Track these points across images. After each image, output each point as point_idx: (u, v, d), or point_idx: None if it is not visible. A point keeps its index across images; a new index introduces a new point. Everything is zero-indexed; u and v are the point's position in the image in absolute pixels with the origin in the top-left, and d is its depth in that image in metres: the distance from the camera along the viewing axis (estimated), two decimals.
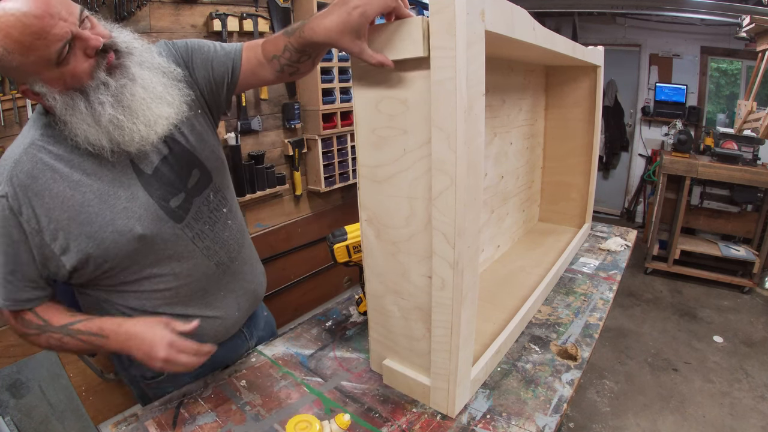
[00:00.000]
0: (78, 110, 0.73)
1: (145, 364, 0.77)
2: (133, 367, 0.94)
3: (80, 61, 0.71)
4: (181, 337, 0.78)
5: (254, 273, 1.06)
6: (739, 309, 3.12)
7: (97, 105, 0.73)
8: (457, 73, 0.57)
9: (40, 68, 0.68)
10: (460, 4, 0.55)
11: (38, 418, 1.73)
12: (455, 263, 0.65)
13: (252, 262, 1.06)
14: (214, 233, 0.92)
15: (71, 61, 0.70)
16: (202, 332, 0.94)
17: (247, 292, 1.02)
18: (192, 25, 2.10)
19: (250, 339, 1.08)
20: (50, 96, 0.71)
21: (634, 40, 4.46)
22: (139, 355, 0.77)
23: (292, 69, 0.85)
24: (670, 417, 2.12)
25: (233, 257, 0.96)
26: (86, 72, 0.72)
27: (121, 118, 0.74)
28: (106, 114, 0.73)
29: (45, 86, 0.71)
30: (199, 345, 0.79)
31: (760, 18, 2.95)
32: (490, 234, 1.32)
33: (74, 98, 0.72)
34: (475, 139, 0.63)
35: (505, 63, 1.23)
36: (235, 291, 0.98)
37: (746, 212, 3.41)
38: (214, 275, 0.92)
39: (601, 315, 1.09)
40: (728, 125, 3.91)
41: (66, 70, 0.70)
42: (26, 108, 1.75)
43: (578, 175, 1.59)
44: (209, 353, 0.81)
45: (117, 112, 0.74)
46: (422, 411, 0.78)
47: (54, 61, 0.68)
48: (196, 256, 0.89)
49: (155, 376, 0.94)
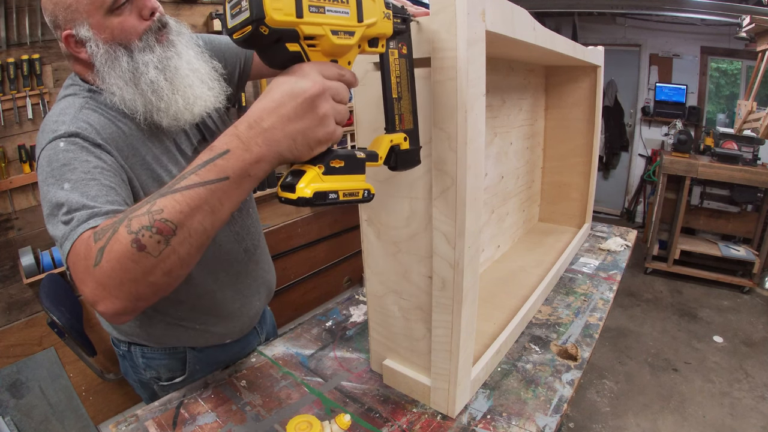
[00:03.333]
0: (119, 65, 0.71)
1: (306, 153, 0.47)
2: (149, 371, 0.93)
3: (133, 18, 0.70)
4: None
5: (270, 264, 1.08)
6: (739, 309, 3.12)
7: (141, 65, 0.72)
8: (458, 73, 0.57)
9: (93, 10, 0.67)
10: (461, 4, 0.55)
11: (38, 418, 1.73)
12: (456, 263, 0.65)
13: (267, 253, 1.08)
14: (241, 219, 0.94)
15: (125, 13, 0.69)
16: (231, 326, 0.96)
17: (266, 283, 1.04)
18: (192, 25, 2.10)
19: (261, 334, 1.09)
20: (94, 42, 0.69)
21: (634, 40, 4.46)
22: (288, 147, 0.46)
23: None
24: (670, 417, 2.12)
25: (256, 245, 0.98)
26: (136, 31, 0.71)
27: (161, 84, 0.73)
28: (148, 75, 0.72)
29: (92, 31, 0.69)
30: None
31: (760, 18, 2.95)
32: (490, 234, 1.32)
33: (118, 52, 0.71)
34: (476, 139, 0.63)
35: (506, 63, 1.23)
36: (257, 280, 1.00)
37: (746, 212, 3.41)
38: (243, 261, 0.94)
39: (601, 315, 1.09)
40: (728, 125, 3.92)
41: (117, 21, 0.69)
42: (26, 108, 1.75)
43: (578, 175, 1.59)
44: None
45: (159, 77, 0.73)
46: (422, 411, 0.78)
47: (108, 6, 0.68)
48: (230, 241, 0.90)
49: (172, 377, 0.93)
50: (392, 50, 0.55)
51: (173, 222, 0.46)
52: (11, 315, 1.79)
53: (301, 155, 0.47)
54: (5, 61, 1.69)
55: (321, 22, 0.45)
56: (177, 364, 0.93)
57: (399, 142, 0.57)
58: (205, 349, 0.94)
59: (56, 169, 0.62)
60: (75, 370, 1.86)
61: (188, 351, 0.92)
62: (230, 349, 0.98)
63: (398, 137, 0.57)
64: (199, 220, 0.47)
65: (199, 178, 0.46)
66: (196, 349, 0.93)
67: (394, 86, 0.56)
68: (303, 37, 0.45)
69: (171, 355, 0.92)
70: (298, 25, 0.43)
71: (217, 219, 0.48)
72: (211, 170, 0.46)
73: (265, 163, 0.46)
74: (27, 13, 1.73)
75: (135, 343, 0.91)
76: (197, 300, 0.87)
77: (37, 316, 1.81)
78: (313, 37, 0.46)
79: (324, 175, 0.48)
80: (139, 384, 0.97)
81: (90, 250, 0.50)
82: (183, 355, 0.92)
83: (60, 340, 1.75)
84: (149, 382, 0.95)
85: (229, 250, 0.90)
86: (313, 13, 0.44)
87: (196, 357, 0.93)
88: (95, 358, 1.75)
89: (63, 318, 1.51)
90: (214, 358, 0.94)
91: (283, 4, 0.42)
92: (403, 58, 0.57)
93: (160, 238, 0.46)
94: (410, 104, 0.59)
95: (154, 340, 0.90)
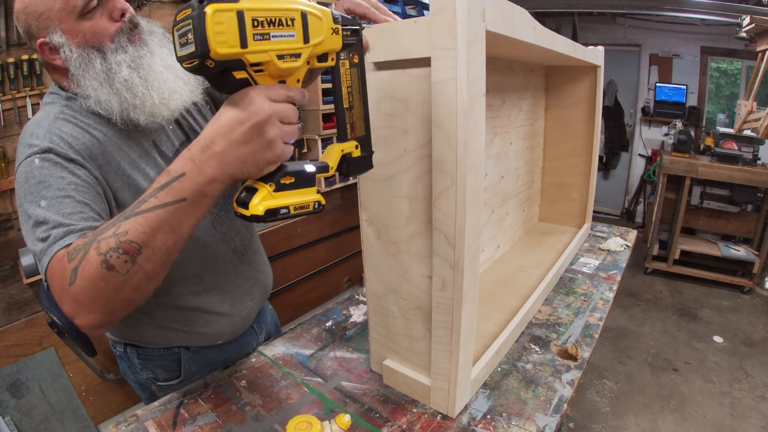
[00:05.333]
0: (92, 67, 0.72)
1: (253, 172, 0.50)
2: (145, 371, 0.93)
3: (104, 20, 0.72)
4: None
5: (264, 264, 1.08)
6: (739, 309, 3.12)
7: (114, 65, 0.73)
8: (458, 73, 0.57)
9: (64, 16, 0.69)
10: (461, 4, 0.55)
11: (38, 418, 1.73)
12: (456, 263, 0.65)
13: (261, 253, 1.08)
14: (229, 219, 0.93)
15: (95, 17, 0.71)
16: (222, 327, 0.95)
17: (259, 283, 1.03)
18: None
19: (260, 333, 1.09)
20: (67, 47, 0.71)
21: (634, 40, 4.47)
22: (238, 168, 0.49)
23: None
24: (670, 417, 2.12)
25: (246, 245, 0.98)
26: (108, 33, 0.72)
27: (135, 82, 0.74)
28: (121, 74, 0.73)
29: (64, 36, 0.70)
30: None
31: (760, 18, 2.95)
32: (490, 234, 1.32)
33: (91, 54, 0.72)
34: (476, 139, 0.63)
35: (506, 63, 1.23)
36: (249, 280, 0.99)
37: (746, 212, 3.41)
38: (231, 262, 0.94)
39: (602, 315, 1.09)
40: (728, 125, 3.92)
41: (88, 24, 0.70)
42: (26, 108, 1.75)
43: (578, 175, 1.59)
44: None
45: (132, 75, 0.74)
46: (422, 411, 0.78)
47: (79, 11, 0.69)
48: (217, 241, 0.90)
49: (168, 378, 0.93)
50: (343, 61, 0.55)
51: (137, 242, 0.51)
52: (11, 315, 1.79)
53: (251, 175, 0.50)
54: (5, 61, 1.68)
55: (266, 49, 0.45)
56: (172, 364, 0.92)
57: (350, 150, 0.58)
58: (200, 350, 0.94)
59: (33, 186, 0.65)
60: (75, 370, 1.87)
61: (182, 351, 0.92)
62: (227, 349, 0.97)
63: (350, 146, 0.58)
64: (162, 240, 0.52)
65: (158, 200, 0.50)
66: (190, 350, 0.93)
67: (345, 96, 0.56)
68: (249, 65, 0.45)
69: (166, 356, 0.92)
70: (243, 55, 0.43)
71: (179, 236, 0.53)
72: (169, 193, 0.50)
73: (218, 183, 0.50)
74: None
75: (130, 344, 0.91)
76: (180, 302, 0.87)
77: (37, 316, 1.81)
78: (260, 63, 0.46)
79: (275, 192, 0.50)
80: (138, 385, 0.97)
81: (65, 269, 0.54)
82: (178, 356, 0.92)
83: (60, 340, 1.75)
84: (147, 382, 0.95)
85: (216, 250, 0.90)
86: (258, 41, 0.44)
87: (191, 358, 0.93)
88: (95, 358, 1.75)
89: (63, 318, 1.51)
90: (210, 359, 0.94)
91: (227, 36, 0.41)
92: (354, 68, 0.56)
93: (127, 257, 0.51)
94: (362, 111, 0.58)
95: (146, 340, 0.90)
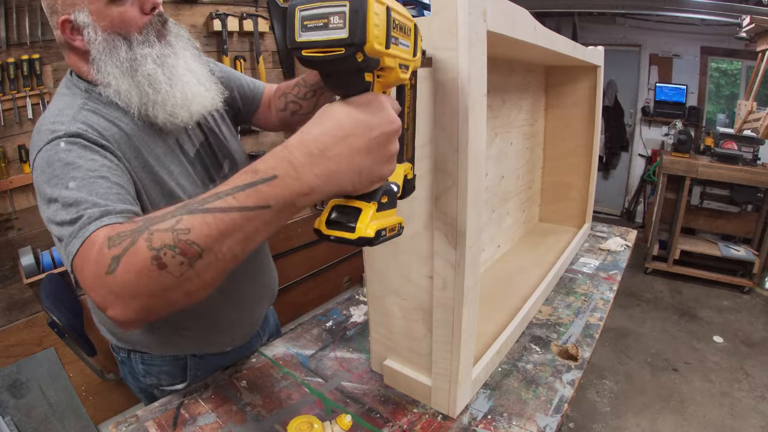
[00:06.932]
0: (117, 54, 0.69)
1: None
2: (149, 377, 0.92)
3: (135, 10, 0.69)
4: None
5: (271, 268, 1.07)
6: (739, 309, 3.12)
7: (140, 56, 0.70)
8: (459, 74, 0.57)
9: None
10: (462, 4, 0.55)
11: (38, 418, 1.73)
12: (457, 263, 0.65)
13: (270, 259, 1.08)
14: None
15: (126, 4, 0.68)
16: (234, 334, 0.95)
17: (268, 291, 1.03)
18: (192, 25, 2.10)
19: (264, 336, 1.09)
20: (92, 29, 0.67)
21: (634, 40, 4.46)
22: (348, 180, 0.43)
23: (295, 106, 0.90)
24: (670, 417, 2.12)
25: (256, 251, 0.97)
26: (137, 24, 0.70)
27: (159, 78, 0.71)
28: (145, 67, 0.70)
29: (91, 17, 0.66)
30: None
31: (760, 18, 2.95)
32: (490, 234, 1.32)
33: (117, 41, 0.69)
34: (477, 139, 0.63)
35: (506, 63, 1.23)
36: (262, 288, 0.99)
37: (746, 212, 3.41)
38: (244, 270, 0.93)
39: (602, 315, 1.09)
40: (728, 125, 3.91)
41: (118, 10, 0.67)
42: (26, 108, 1.75)
43: (578, 175, 1.59)
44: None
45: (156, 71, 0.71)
46: (423, 411, 0.78)
47: None
48: None
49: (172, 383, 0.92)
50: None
51: (200, 245, 0.42)
52: (11, 315, 1.79)
53: (357, 191, 0.44)
54: (5, 61, 1.68)
55: (395, 55, 0.43)
56: (177, 370, 0.92)
57: (407, 171, 0.54)
58: (206, 356, 0.94)
59: (58, 169, 0.58)
60: (75, 370, 1.86)
61: (189, 357, 0.92)
62: (232, 353, 0.97)
63: (407, 167, 0.54)
64: (229, 247, 0.43)
65: (236, 201, 0.41)
66: (197, 356, 0.93)
67: (407, 117, 0.55)
68: (380, 68, 0.42)
69: (171, 362, 0.91)
70: (383, 56, 0.41)
71: (248, 246, 0.44)
72: (251, 195, 0.40)
73: (315, 195, 0.41)
74: (27, 13, 1.73)
75: (135, 351, 0.90)
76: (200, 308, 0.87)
77: (37, 316, 1.81)
78: (384, 69, 0.43)
79: (377, 212, 0.45)
80: (139, 390, 0.96)
81: (102, 255, 0.46)
82: (184, 362, 0.92)
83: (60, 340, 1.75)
84: (150, 387, 0.94)
85: None
86: (393, 45, 0.41)
87: (197, 363, 0.93)
88: (95, 358, 1.75)
89: (63, 318, 1.51)
90: (216, 364, 0.94)
91: (379, 32, 0.39)
92: (412, 89, 0.55)
93: (184, 259, 0.42)
94: (413, 134, 0.58)
95: (156, 347, 0.89)
